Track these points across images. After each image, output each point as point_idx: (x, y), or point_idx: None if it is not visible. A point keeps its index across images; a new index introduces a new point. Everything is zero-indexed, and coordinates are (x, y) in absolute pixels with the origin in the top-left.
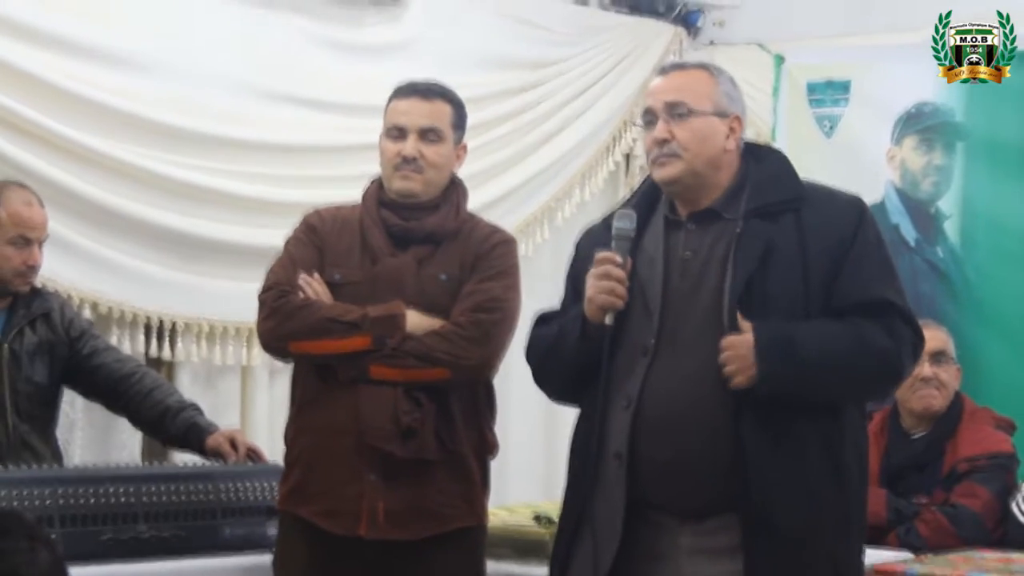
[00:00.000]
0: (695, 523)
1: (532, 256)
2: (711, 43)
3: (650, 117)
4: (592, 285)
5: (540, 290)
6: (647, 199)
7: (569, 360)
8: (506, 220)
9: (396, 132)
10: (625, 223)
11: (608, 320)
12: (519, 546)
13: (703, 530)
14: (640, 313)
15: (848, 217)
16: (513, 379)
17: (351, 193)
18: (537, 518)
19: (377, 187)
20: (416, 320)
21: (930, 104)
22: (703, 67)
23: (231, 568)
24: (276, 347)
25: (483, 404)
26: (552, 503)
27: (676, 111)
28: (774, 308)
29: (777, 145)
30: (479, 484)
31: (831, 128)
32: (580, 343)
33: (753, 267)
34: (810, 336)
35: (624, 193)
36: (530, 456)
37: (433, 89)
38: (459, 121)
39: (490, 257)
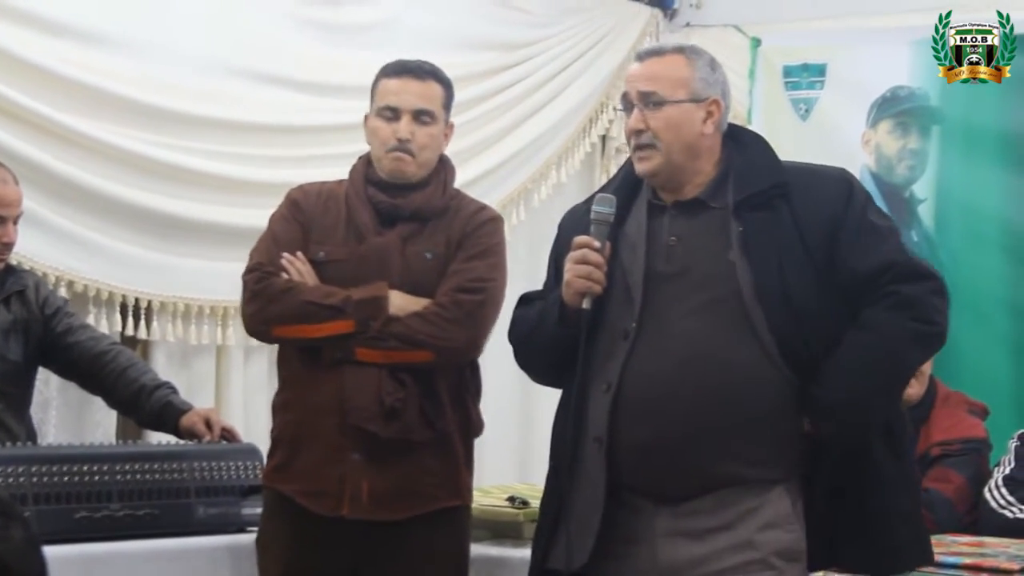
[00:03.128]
0: (672, 506)
1: (508, 238)
2: (687, 25)
3: (626, 104)
4: (569, 269)
5: (516, 272)
6: (628, 183)
7: (548, 344)
8: (483, 201)
9: (389, 113)
10: (604, 207)
11: (586, 304)
12: (494, 528)
13: (679, 513)
14: (621, 297)
15: (836, 193)
16: (489, 360)
17: (329, 173)
18: (512, 500)
19: (365, 164)
20: (400, 301)
21: (905, 88)
22: (680, 51)
23: (204, 548)
24: (259, 331)
25: (468, 383)
26: (527, 485)
27: (649, 100)
28: (795, 301)
29: (752, 128)
30: (463, 464)
31: (807, 111)
32: (558, 327)
33: (773, 268)
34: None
35: (600, 175)
36: (505, 438)
37: (424, 68)
38: (449, 101)
39: (476, 235)
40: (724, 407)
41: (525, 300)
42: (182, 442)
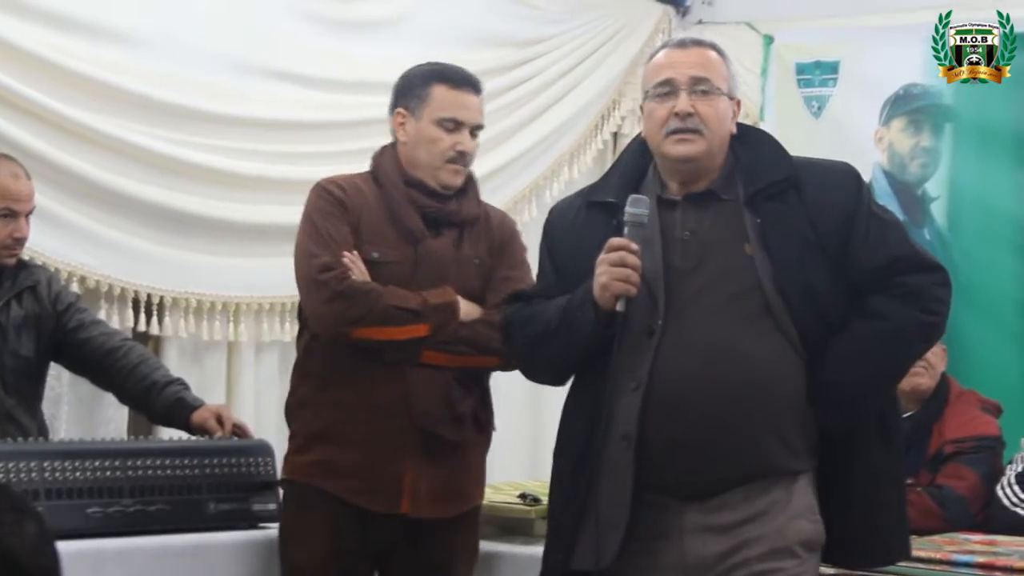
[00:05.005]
0: (699, 502)
1: (520, 234)
2: (700, 22)
3: (669, 88)
4: (606, 272)
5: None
6: (629, 179)
7: (574, 344)
8: (494, 197)
9: (452, 125)
10: (639, 208)
11: (620, 307)
12: (504, 524)
13: (707, 508)
14: (641, 294)
15: (847, 187)
16: None
17: (342, 169)
18: (523, 496)
19: (397, 163)
20: (463, 307)
21: (918, 86)
22: (714, 47)
23: (216, 543)
24: (339, 331)
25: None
26: (538, 483)
27: (701, 87)
28: (816, 292)
29: (765, 125)
30: (485, 463)
31: (819, 109)
32: (594, 330)
33: (794, 260)
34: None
35: None
36: (516, 435)
37: (477, 82)
38: None
39: (512, 244)
40: (753, 402)
41: (520, 298)
42: (193, 438)
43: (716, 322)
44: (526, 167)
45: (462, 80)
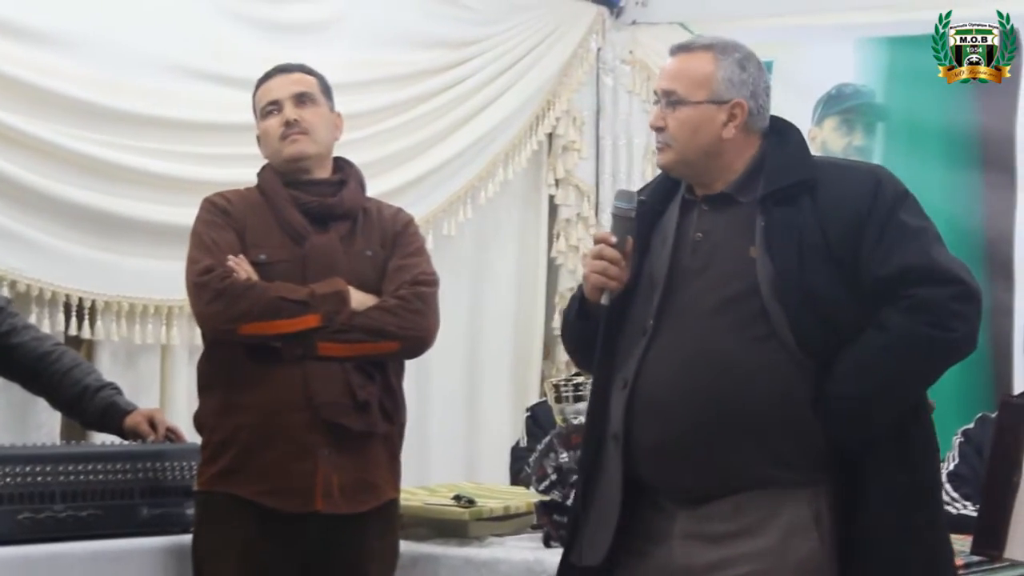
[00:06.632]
0: (690, 508)
1: (455, 235)
2: (633, 23)
3: (656, 99)
4: (586, 264)
5: (462, 269)
6: (669, 180)
7: (575, 336)
8: (429, 199)
9: (272, 107)
10: (623, 202)
11: (604, 300)
12: (438, 526)
13: (697, 516)
14: (646, 292)
15: (862, 191)
16: (434, 361)
17: None
18: (457, 498)
19: (272, 171)
20: (356, 296)
21: (850, 85)
22: (709, 48)
23: (149, 548)
24: (225, 329)
25: (401, 378)
26: (474, 484)
27: (669, 99)
28: (816, 298)
29: None
30: (398, 457)
31: None
32: (580, 322)
33: (795, 265)
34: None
35: (547, 172)
36: (453, 437)
37: (293, 64)
38: (326, 90)
39: (406, 235)
40: (733, 410)
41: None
42: (126, 443)
43: (706, 326)
44: (461, 168)
45: (273, 70)
